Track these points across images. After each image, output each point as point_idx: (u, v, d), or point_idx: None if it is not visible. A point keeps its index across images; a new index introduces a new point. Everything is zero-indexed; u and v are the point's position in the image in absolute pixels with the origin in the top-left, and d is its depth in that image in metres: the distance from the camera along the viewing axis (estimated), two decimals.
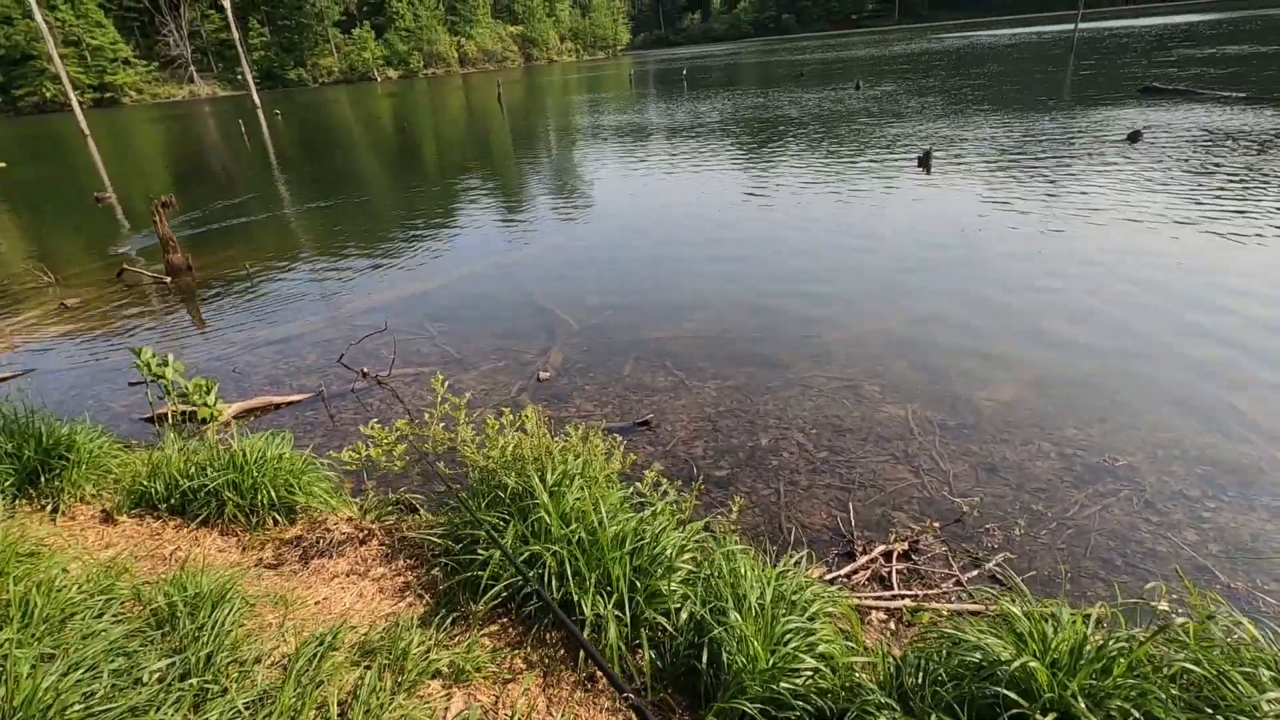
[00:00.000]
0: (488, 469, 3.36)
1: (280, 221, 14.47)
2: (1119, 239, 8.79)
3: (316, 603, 3.13)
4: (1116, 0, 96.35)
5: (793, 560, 3.06)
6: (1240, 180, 10.83)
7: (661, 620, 2.69)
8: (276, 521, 3.76)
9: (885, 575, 3.74)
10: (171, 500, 3.90)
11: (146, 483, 3.98)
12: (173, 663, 2.50)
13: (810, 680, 2.39)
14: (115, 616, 2.76)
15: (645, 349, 6.82)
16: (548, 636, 2.82)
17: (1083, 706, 1.98)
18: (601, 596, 2.71)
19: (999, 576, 3.69)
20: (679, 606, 2.70)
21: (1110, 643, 2.19)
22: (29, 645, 2.43)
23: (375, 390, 6.40)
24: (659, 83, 49.54)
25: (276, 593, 3.13)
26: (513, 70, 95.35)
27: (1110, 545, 3.88)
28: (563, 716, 2.49)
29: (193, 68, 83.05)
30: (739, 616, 2.49)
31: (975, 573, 3.73)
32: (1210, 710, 1.98)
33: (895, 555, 3.87)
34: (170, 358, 5.10)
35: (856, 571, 3.77)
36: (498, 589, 2.83)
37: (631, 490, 3.38)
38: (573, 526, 2.94)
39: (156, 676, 2.44)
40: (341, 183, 18.88)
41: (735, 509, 3.49)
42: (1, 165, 25.52)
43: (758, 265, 9.17)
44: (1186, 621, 2.31)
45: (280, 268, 10.73)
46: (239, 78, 71.19)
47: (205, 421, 5.10)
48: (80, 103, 38.55)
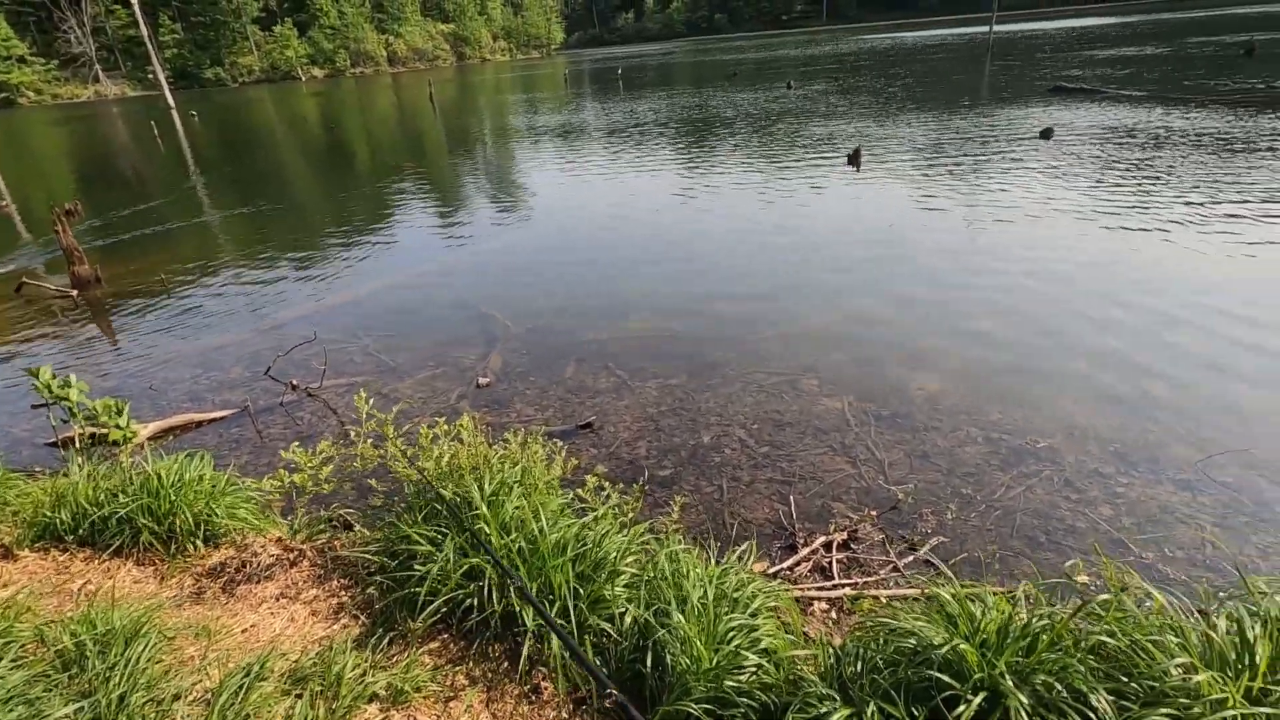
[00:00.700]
0: (423, 481, 3.27)
1: (200, 228, 13.74)
2: (1035, 233, 9.25)
3: (243, 631, 2.97)
4: (1028, 4, 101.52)
5: (735, 556, 3.08)
6: (1140, 174, 11.57)
7: (606, 626, 2.66)
8: (198, 548, 3.55)
9: (826, 565, 3.82)
10: (80, 531, 3.63)
11: (51, 513, 3.70)
12: (81, 707, 2.32)
13: (754, 676, 2.41)
14: (14, 661, 2.55)
15: (587, 350, 6.78)
16: (490, 650, 2.75)
17: (1010, 684, 2.05)
18: (545, 605, 2.66)
19: (933, 560, 3.82)
20: (623, 611, 2.68)
21: (1034, 620, 2.29)
22: None
23: (306, 403, 6.15)
24: (594, 82, 49.42)
25: (199, 623, 2.96)
26: (445, 70, 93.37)
27: (1034, 524, 4.07)
28: None
29: (98, 66, 77.91)
30: (682, 618, 2.49)
31: (911, 558, 3.85)
32: (1125, 679, 2.09)
33: (835, 545, 3.95)
34: (73, 378, 4.76)
35: (799, 563, 3.83)
36: (437, 604, 2.75)
37: (573, 496, 3.34)
38: (513, 536, 2.88)
39: None
40: (266, 186, 18.09)
41: (677, 509, 3.49)
42: None
43: (696, 264, 9.25)
44: (1105, 596, 2.43)
45: (201, 278, 10.18)
46: (150, 77, 67.39)
47: (117, 444, 4.78)
48: None
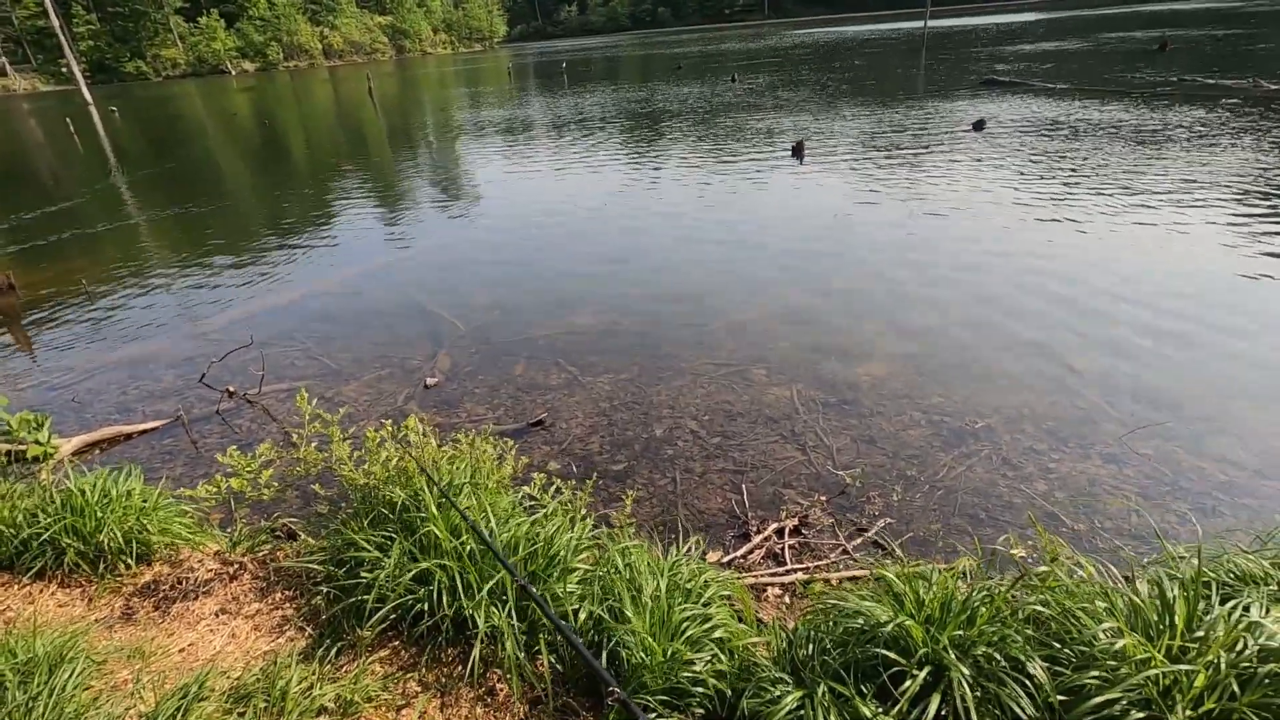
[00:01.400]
0: (369, 485, 3.18)
1: (124, 231, 13.03)
2: (969, 223, 9.59)
3: (180, 650, 2.85)
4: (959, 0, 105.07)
5: (687, 548, 3.10)
6: (1064, 164, 12.12)
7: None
8: (129, 566, 3.38)
9: (779, 552, 3.88)
10: None
11: None
12: None
13: (709, 665, 2.44)
14: None
15: (536, 347, 6.71)
16: (443, 654, 2.71)
17: (953, 657, 2.13)
18: (496, 607, 2.63)
19: (881, 541, 3.93)
20: (577, 608, 2.67)
21: (974, 594, 2.38)
22: None
23: (244, 410, 5.91)
24: (539, 76, 48.89)
25: (131, 645, 2.82)
26: (384, 63, 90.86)
27: (975, 501, 4.22)
28: None
29: (4, 59, 73.02)
30: (635, 612, 2.49)
31: (860, 540, 3.95)
32: (1059, 645, 2.19)
33: (787, 531, 4.03)
34: None
35: (752, 551, 3.89)
36: (385, 611, 2.68)
37: (523, 494, 3.31)
38: (463, 538, 2.83)
39: None
40: (195, 186, 17.28)
41: (629, 503, 3.49)
42: None
43: (644, 258, 9.26)
44: (1041, 569, 2.54)
45: (126, 283, 9.66)
46: (64, 71, 63.49)
47: (38, 460, 4.51)
48: None
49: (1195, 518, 3.90)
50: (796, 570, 3.69)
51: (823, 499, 4.33)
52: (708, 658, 2.45)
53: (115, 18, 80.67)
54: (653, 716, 2.27)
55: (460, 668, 2.64)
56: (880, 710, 2.10)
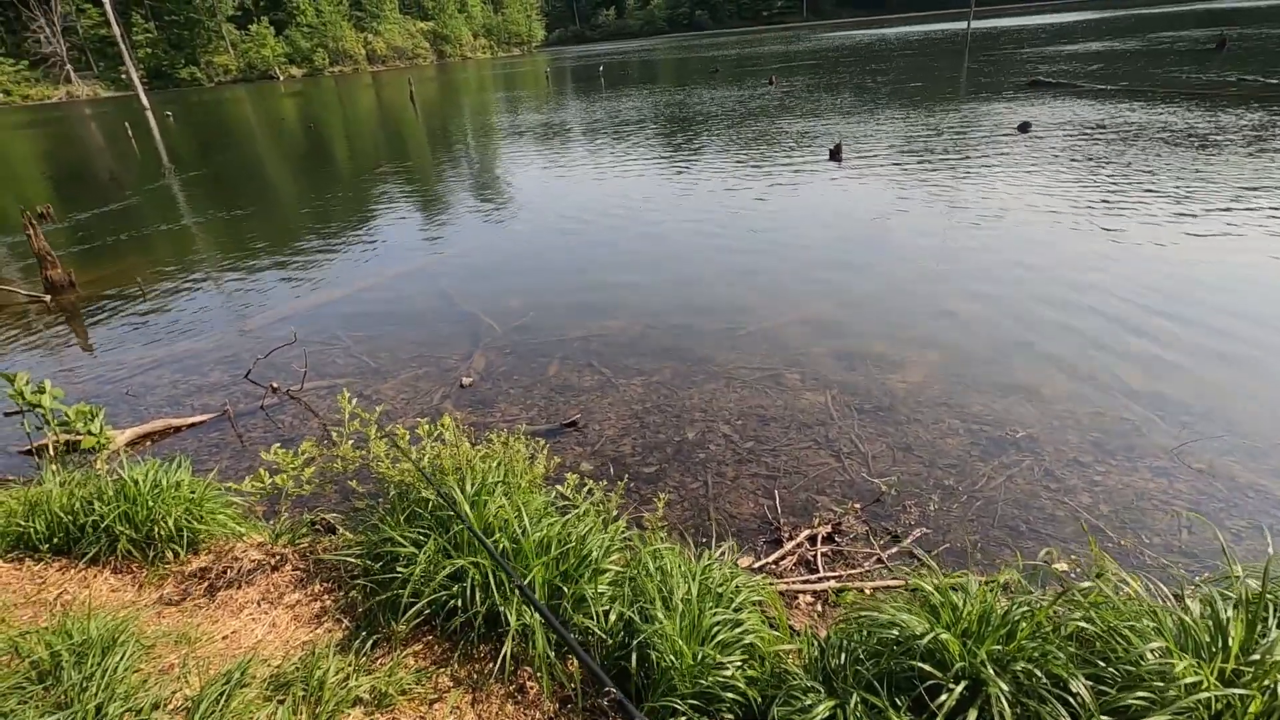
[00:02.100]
0: (405, 483, 3.24)
1: (177, 231, 13.53)
2: (1011, 227, 9.36)
3: (224, 637, 2.94)
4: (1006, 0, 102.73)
5: (719, 552, 3.09)
6: (1114, 168, 11.74)
7: (590, 624, 2.66)
8: (177, 554, 3.50)
9: (811, 559, 3.84)
10: (55, 539, 3.57)
11: (24, 522, 3.63)
12: (57, 719, 2.28)
13: (739, 671, 2.42)
14: None
15: (570, 349, 6.76)
16: (475, 651, 2.74)
17: (991, 672, 2.08)
18: (527, 605, 2.66)
19: (916, 552, 3.85)
20: (607, 609, 2.68)
21: (1014, 608, 2.31)
22: None
23: (287, 405, 6.08)
24: (576, 79, 49.26)
25: (178, 631, 2.92)
26: (425, 68, 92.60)
27: (1015, 513, 4.11)
28: None
29: (69, 66, 76.39)
30: (666, 614, 2.49)
31: (895, 550, 3.88)
32: (1103, 664, 2.12)
33: (820, 538, 3.98)
34: (47, 383, 4.67)
35: (784, 558, 3.85)
36: (420, 606, 2.73)
37: (555, 494, 3.33)
38: (496, 536, 2.87)
39: None
40: (244, 188, 17.85)
41: (661, 505, 3.49)
42: None
43: (678, 260, 9.26)
44: (1086, 584, 2.47)
45: (178, 281, 10.04)
46: (124, 77, 66.17)
47: (93, 451, 4.70)
48: None
49: (1253, 536, 3.74)
50: (829, 578, 3.64)
51: (857, 507, 4.26)
52: (738, 663, 2.44)
53: (172, 26, 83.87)
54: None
55: (491, 664, 2.67)
56: None
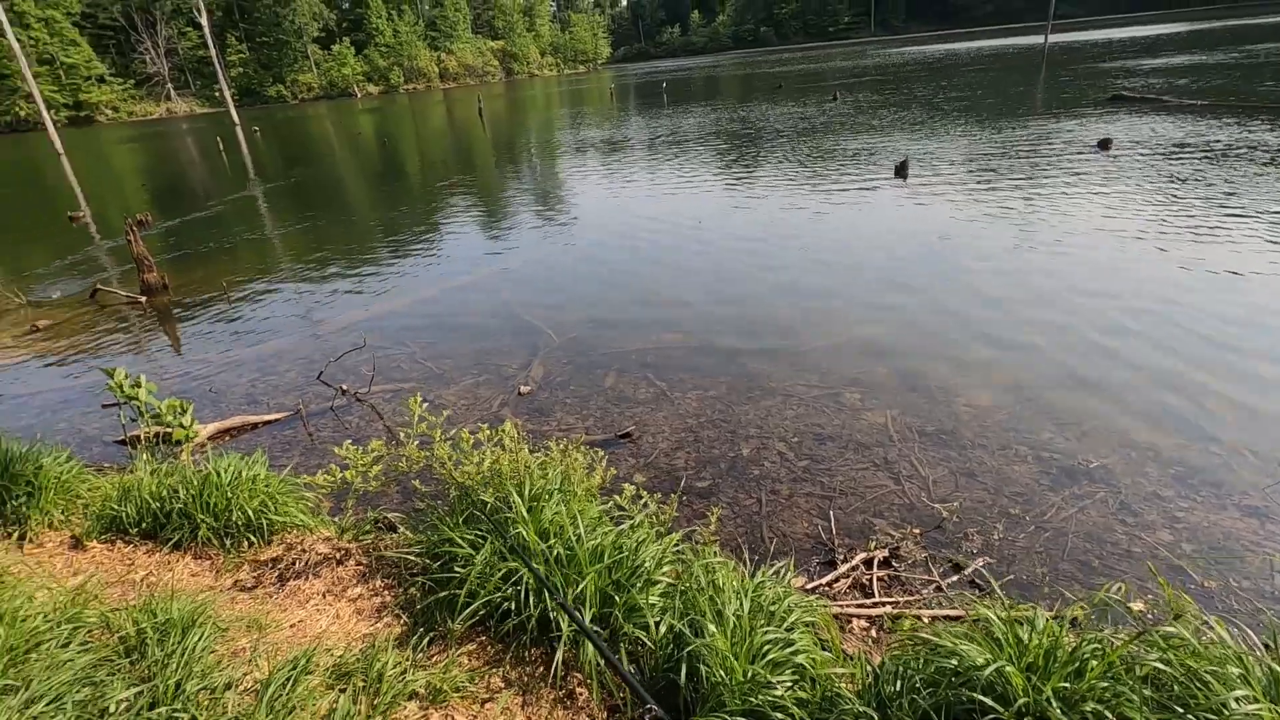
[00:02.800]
0: (465, 485, 3.34)
1: (259, 239, 14.35)
2: (1088, 248, 8.95)
3: (292, 625, 3.08)
4: (1091, 12, 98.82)
5: (772, 570, 3.06)
6: (1201, 189, 11.09)
7: (640, 634, 2.67)
8: (252, 543, 3.70)
9: (866, 583, 3.75)
10: (143, 524, 3.83)
11: (117, 507, 3.91)
12: (140, 691, 2.44)
13: (789, 691, 2.39)
14: (82, 645, 2.69)
15: (627, 361, 6.82)
16: (527, 654, 2.79)
17: (1057, 711, 1.99)
18: (579, 611, 2.69)
19: (978, 581, 3.71)
20: (658, 620, 2.68)
21: (1084, 645, 2.21)
22: None
23: (354, 407, 6.34)
24: (640, 96, 49.91)
25: (250, 616, 3.08)
26: (494, 85, 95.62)
27: (1087, 547, 3.92)
28: None
29: (170, 85, 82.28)
30: (717, 629, 2.48)
31: (955, 578, 3.75)
32: (1180, 710, 2.00)
33: (876, 562, 3.88)
34: (143, 378, 5.02)
35: (838, 580, 3.77)
36: (475, 607, 2.80)
37: (611, 503, 3.37)
38: (551, 541, 2.92)
39: (124, 706, 2.38)
40: (321, 199, 18.78)
41: (713, 520, 3.48)
42: None
43: (738, 276, 9.22)
44: (1162, 624, 2.34)
45: (259, 286, 10.63)
46: (217, 95, 70.78)
47: (180, 443, 5.02)
48: (55, 121, 38.06)
49: None
50: (885, 604, 3.54)
51: (916, 532, 4.14)
52: (789, 683, 2.40)
53: (262, 47, 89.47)
54: None
55: (542, 668, 2.71)
56: None
